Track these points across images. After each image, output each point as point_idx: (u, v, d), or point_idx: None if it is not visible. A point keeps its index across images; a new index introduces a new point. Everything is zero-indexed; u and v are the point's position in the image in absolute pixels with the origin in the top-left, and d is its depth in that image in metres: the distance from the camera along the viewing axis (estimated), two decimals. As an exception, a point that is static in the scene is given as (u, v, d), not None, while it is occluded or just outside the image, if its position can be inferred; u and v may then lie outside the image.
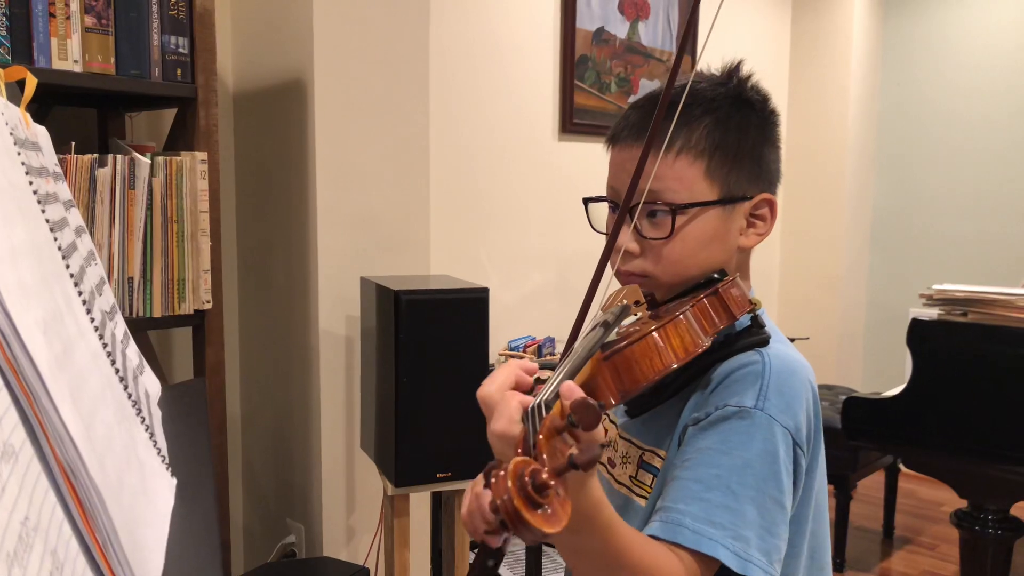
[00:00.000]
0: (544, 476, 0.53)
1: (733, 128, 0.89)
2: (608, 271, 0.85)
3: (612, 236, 0.87)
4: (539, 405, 0.63)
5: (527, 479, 0.52)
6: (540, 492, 0.52)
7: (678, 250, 0.87)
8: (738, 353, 0.83)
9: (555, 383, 0.68)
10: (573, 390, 0.63)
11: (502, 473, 0.52)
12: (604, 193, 0.95)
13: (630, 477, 0.93)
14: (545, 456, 0.56)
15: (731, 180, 0.88)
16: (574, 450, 0.57)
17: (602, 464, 0.99)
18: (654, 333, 0.73)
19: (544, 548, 2.45)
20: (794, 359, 0.86)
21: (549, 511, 0.53)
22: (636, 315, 0.90)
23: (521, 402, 0.68)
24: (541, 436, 0.57)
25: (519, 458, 0.54)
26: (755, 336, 0.83)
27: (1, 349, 0.46)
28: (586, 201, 0.96)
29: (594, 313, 0.83)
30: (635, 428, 0.94)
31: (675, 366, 0.72)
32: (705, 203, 0.87)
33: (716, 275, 0.85)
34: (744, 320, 0.84)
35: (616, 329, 0.80)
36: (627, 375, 0.71)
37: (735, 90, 0.92)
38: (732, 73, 0.93)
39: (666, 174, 0.86)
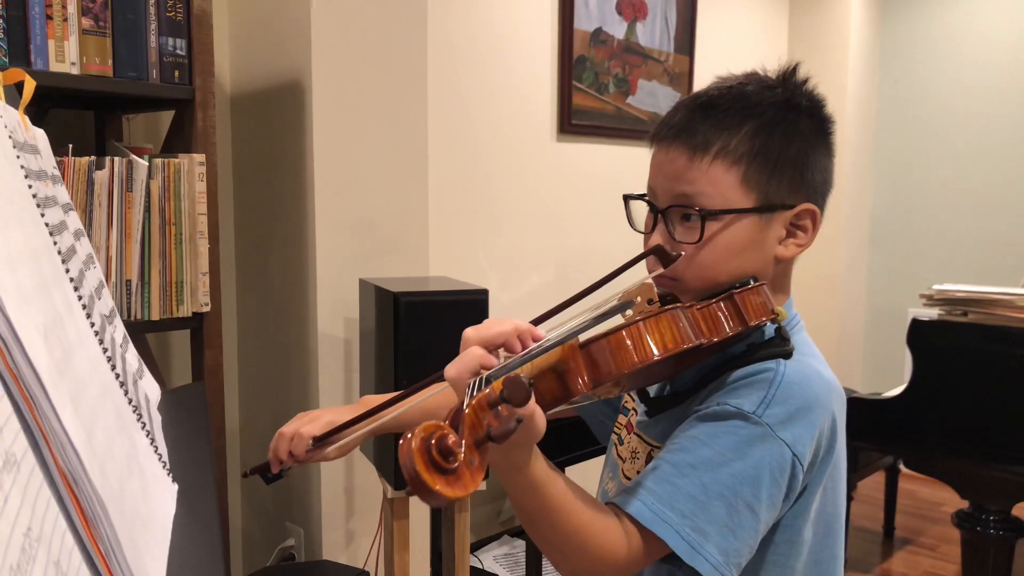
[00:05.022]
0: (450, 441, 0.54)
1: (778, 134, 0.86)
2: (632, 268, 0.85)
3: (647, 238, 0.88)
4: (483, 378, 0.65)
5: (433, 442, 0.53)
6: (445, 457, 0.54)
7: (708, 256, 0.85)
8: (757, 362, 0.82)
9: (513, 361, 0.68)
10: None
11: (409, 435, 0.53)
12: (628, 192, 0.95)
13: (638, 472, 0.93)
14: (467, 425, 0.58)
15: (770, 188, 0.86)
16: (494, 423, 0.59)
17: (620, 459, 0.99)
18: (635, 325, 0.72)
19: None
20: (815, 375, 0.84)
21: (454, 476, 0.54)
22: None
23: (483, 363, 0.70)
24: (467, 409, 0.59)
25: (429, 422, 0.55)
26: (777, 348, 0.82)
27: (2, 356, 0.45)
28: (626, 199, 0.94)
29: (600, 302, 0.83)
30: (645, 424, 0.95)
31: (655, 358, 0.71)
32: (738, 210, 0.85)
33: (752, 280, 0.83)
34: (770, 331, 0.84)
35: (610, 320, 0.80)
36: (602, 364, 0.71)
37: (784, 95, 0.89)
38: (786, 77, 0.91)
39: (699, 179, 0.85)
